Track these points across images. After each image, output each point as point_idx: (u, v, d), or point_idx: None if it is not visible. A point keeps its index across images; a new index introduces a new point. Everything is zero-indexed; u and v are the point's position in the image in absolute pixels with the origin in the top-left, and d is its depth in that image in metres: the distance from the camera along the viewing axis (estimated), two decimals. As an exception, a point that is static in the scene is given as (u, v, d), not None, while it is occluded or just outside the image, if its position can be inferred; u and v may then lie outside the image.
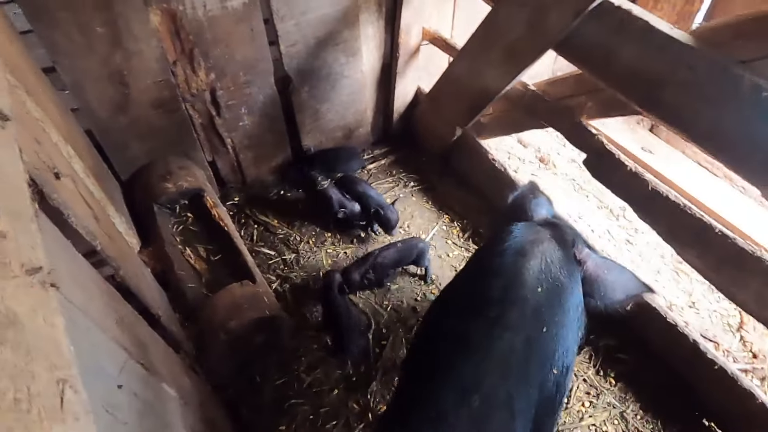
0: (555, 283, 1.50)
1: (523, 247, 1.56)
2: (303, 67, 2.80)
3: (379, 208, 2.82)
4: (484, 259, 1.67)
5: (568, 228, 1.76)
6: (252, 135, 2.94)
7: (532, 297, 1.43)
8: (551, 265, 1.52)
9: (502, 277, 1.49)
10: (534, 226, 1.70)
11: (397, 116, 3.43)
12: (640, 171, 2.13)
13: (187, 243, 2.52)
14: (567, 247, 1.65)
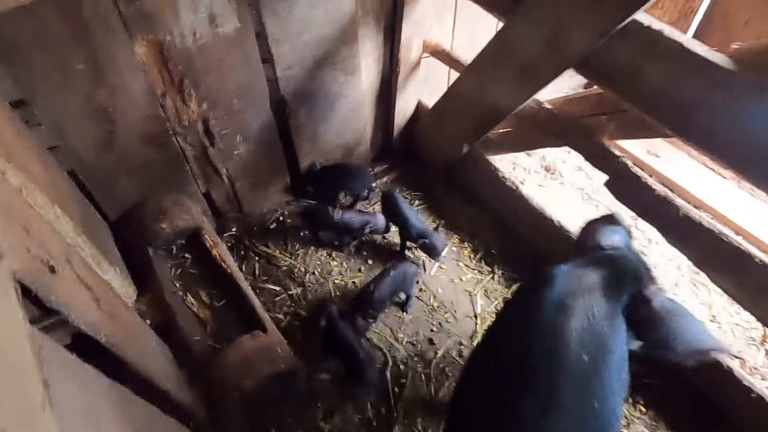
0: (600, 346, 1.38)
1: (564, 302, 1.43)
2: (300, 90, 2.62)
3: (423, 238, 2.69)
4: (524, 309, 1.54)
5: (632, 263, 1.64)
6: (248, 163, 2.76)
7: (578, 366, 1.32)
8: (595, 325, 1.40)
9: (544, 339, 1.37)
10: (580, 268, 1.57)
11: (398, 131, 3.27)
12: (669, 196, 2.02)
13: (188, 288, 2.34)
14: (616, 293, 1.53)
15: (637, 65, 1.84)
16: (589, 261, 1.61)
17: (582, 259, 1.63)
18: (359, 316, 2.39)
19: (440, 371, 2.46)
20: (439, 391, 2.38)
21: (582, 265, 1.59)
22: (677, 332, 1.52)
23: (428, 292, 2.77)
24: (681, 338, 1.52)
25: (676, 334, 1.52)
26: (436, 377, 2.44)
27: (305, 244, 2.93)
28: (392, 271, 2.52)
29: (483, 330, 2.60)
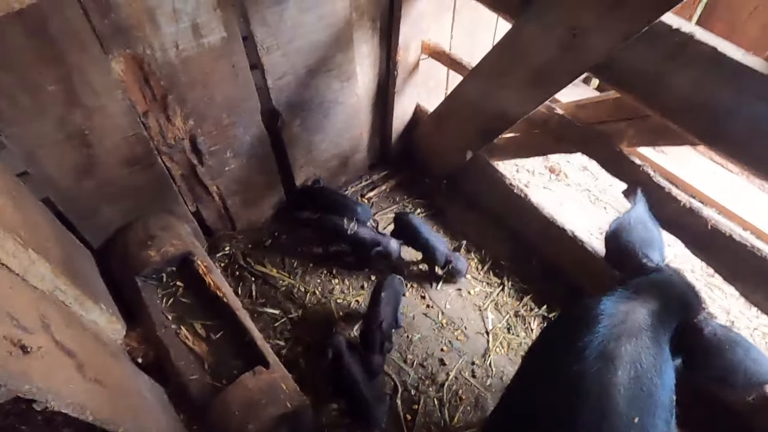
0: (649, 400, 1.24)
1: (608, 350, 1.28)
2: (293, 100, 2.45)
3: (450, 261, 2.58)
4: (561, 357, 1.37)
5: (679, 288, 1.49)
6: (240, 179, 2.58)
7: (626, 429, 1.17)
8: (643, 376, 1.25)
9: (588, 399, 1.21)
10: (624, 303, 1.41)
11: (396, 136, 3.11)
12: (696, 207, 1.90)
13: (181, 320, 2.17)
14: (664, 327, 1.39)
15: (662, 70, 1.70)
16: (633, 291, 1.46)
17: (624, 288, 1.47)
18: (375, 354, 2.22)
19: (454, 394, 2.33)
20: (454, 416, 2.25)
21: (626, 297, 1.43)
22: (735, 365, 1.38)
23: (436, 308, 2.63)
24: (739, 371, 1.38)
25: (734, 367, 1.38)
26: (450, 401, 2.31)
27: (304, 261, 2.77)
28: (383, 293, 2.35)
29: (496, 348, 2.47)
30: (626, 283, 1.53)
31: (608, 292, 1.47)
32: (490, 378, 2.39)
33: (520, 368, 1.60)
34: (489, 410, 2.27)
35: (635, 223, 1.74)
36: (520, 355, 2.46)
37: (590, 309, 1.39)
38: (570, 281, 2.64)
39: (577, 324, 1.39)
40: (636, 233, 1.71)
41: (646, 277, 1.55)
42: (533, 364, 1.51)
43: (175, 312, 2.20)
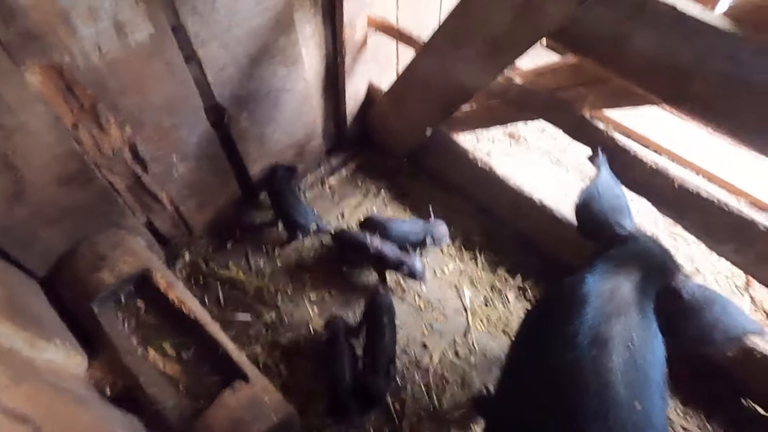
0: (645, 380, 1.22)
1: (600, 333, 1.25)
2: (238, 93, 2.27)
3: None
4: (552, 346, 1.32)
5: (657, 255, 1.49)
6: (191, 182, 2.41)
7: (631, 417, 1.14)
8: (637, 354, 1.23)
9: (587, 391, 1.16)
10: (609, 278, 1.38)
11: (351, 118, 2.98)
12: (662, 167, 1.89)
13: (148, 342, 2.04)
14: (647, 297, 1.38)
15: (621, 32, 1.65)
16: (615, 265, 1.43)
17: (605, 263, 1.44)
18: (379, 377, 2.08)
19: (440, 377, 2.31)
20: (442, 400, 2.24)
21: (609, 273, 1.40)
22: (713, 323, 1.39)
23: (411, 292, 2.58)
24: (718, 328, 1.39)
25: (712, 324, 1.39)
26: (437, 384, 2.29)
27: (270, 259, 2.65)
28: (385, 318, 2.21)
29: (476, 325, 2.46)
30: (605, 255, 1.51)
31: (590, 270, 1.45)
32: (473, 355, 2.38)
33: (508, 363, 1.57)
34: (475, 388, 2.27)
35: (603, 192, 1.72)
36: (501, 329, 2.46)
37: (575, 291, 1.36)
38: (543, 249, 2.64)
39: (563, 308, 1.36)
40: (605, 202, 1.70)
41: (625, 248, 1.54)
42: (522, 357, 1.47)
43: (139, 334, 2.05)
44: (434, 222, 2.64)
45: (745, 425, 2.19)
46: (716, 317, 1.40)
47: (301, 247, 2.71)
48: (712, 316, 1.40)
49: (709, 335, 1.42)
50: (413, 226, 2.59)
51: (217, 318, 2.39)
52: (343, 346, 2.17)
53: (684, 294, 1.43)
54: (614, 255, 1.49)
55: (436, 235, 2.55)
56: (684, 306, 1.43)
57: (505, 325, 2.48)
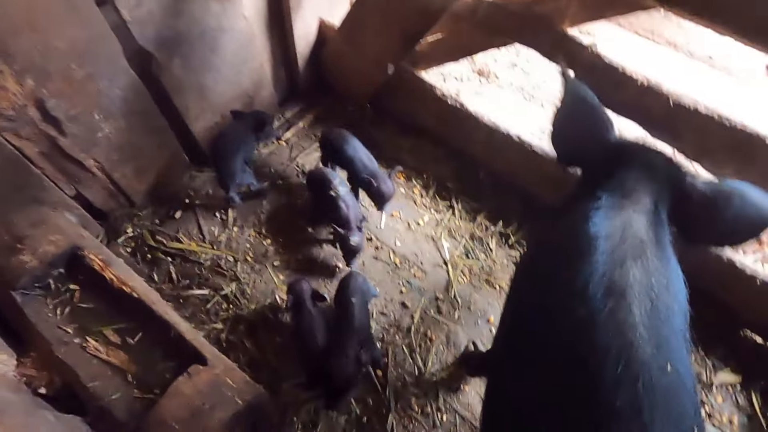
0: (670, 332, 1.02)
1: (615, 280, 1.03)
2: (164, 34, 1.94)
3: (371, 179, 2.21)
4: (558, 301, 1.09)
5: (657, 164, 1.28)
6: (121, 144, 2.09)
7: (660, 379, 0.94)
8: (659, 303, 1.02)
9: (607, 355, 0.95)
10: (618, 209, 1.17)
11: (303, 63, 2.66)
12: (655, 84, 1.67)
13: (86, 331, 1.76)
14: (659, 218, 1.19)
15: None
16: (621, 195, 1.21)
17: (609, 194, 1.21)
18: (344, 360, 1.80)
19: (422, 336, 2.12)
20: (427, 361, 2.06)
21: (616, 206, 1.17)
22: (735, 217, 1.21)
23: (386, 248, 2.36)
24: (741, 221, 1.21)
25: (734, 219, 1.21)
26: (420, 344, 2.10)
27: (225, 226, 2.38)
28: (354, 299, 1.93)
29: (458, 278, 2.26)
30: (606, 186, 1.28)
31: (593, 204, 1.21)
32: (457, 310, 2.20)
33: (505, 327, 1.36)
34: (462, 345, 2.10)
35: (576, 109, 1.47)
36: (484, 280, 2.28)
37: (580, 233, 1.13)
38: (523, 190, 2.43)
39: (567, 254, 1.13)
40: (581, 118, 1.45)
41: (622, 170, 1.30)
42: (522, 317, 1.23)
43: (75, 322, 1.78)
44: (384, 175, 2.30)
45: (745, 356, 2.09)
46: (737, 211, 1.22)
47: (260, 209, 2.44)
48: (733, 211, 1.22)
49: (735, 231, 1.25)
50: (372, 163, 2.34)
51: (171, 296, 2.14)
52: (309, 312, 1.94)
53: (696, 197, 1.24)
54: (615, 183, 1.26)
55: (381, 190, 2.25)
56: (700, 209, 1.24)
57: (489, 275, 2.29)
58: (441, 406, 1.96)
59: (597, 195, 1.22)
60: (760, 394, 2.01)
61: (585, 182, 1.41)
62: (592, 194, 1.24)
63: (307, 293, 1.99)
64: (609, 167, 1.31)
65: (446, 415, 1.95)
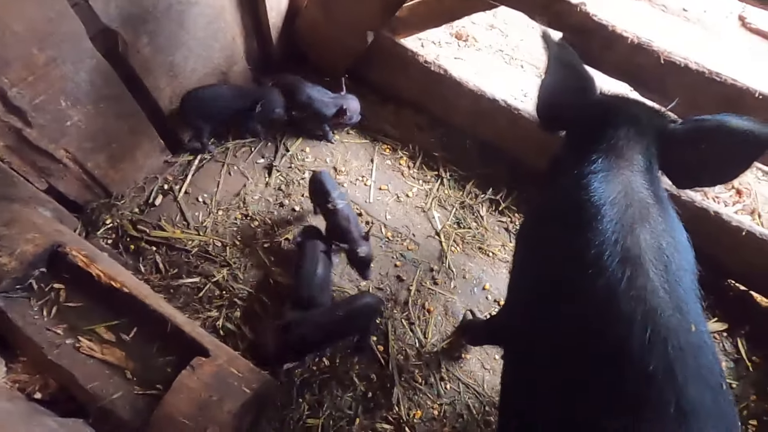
0: (684, 291, 1.02)
1: (628, 247, 1.03)
2: (129, 11, 1.80)
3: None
4: (572, 275, 1.08)
5: (642, 118, 1.28)
6: (92, 132, 1.97)
7: (686, 340, 0.95)
8: (670, 264, 1.03)
9: (632, 323, 0.95)
10: (616, 172, 1.16)
11: (276, 34, 2.54)
12: (645, 42, 1.65)
13: (77, 331, 1.69)
14: (656, 176, 1.20)
15: None
16: (616, 155, 1.20)
17: (603, 157, 1.20)
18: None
19: (420, 309, 2.13)
20: (426, 332, 2.07)
21: (613, 168, 1.17)
22: (725, 148, 1.22)
23: (377, 222, 2.33)
24: (734, 148, 1.22)
25: (726, 149, 1.23)
26: (419, 317, 2.11)
27: (209, 209, 2.29)
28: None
29: (450, 248, 2.26)
30: (596, 145, 1.25)
31: (587, 167, 1.20)
32: (453, 280, 2.20)
33: (518, 300, 1.35)
34: (460, 314, 2.11)
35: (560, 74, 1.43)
36: (477, 248, 2.28)
37: (584, 201, 1.12)
38: (511, 155, 2.42)
39: (574, 224, 1.12)
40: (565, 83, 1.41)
41: (613, 129, 1.27)
42: (536, 290, 1.21)
43: (64, 323, 1.70)
44: (345, 96, 2.43)
45: (730, 305, 2.16)
46: (724, 141, 1.22)
47: (242, 190, 2.36)
48: (720, 143, 1.23)
49: (726, 163, 1.26)
50: (322, 94, 2.40)
51: (160, 287, 2.07)
52: (314, 245, 1.98)
53: (682, 139, 1.25)
54: (606, 144, 1.24)
55: (350, 109, 2.35)
56: (687, 150, 1.26)
57: (481, 242, 2.29)
58: (444, 375, 1.99)
59: (590, 158, 1.21)
60: (745, 339, 2.10)
61: (573, 145, 1.39)
62: (584, 157, 1.23)
63: (317, 234, 2.05)
64: (597, 127, 1.30)
65: (450, 383, 1.97)
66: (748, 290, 2.17)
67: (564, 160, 1.35)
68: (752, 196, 2.46)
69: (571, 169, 1.24)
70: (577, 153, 1.28)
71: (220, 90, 2.32)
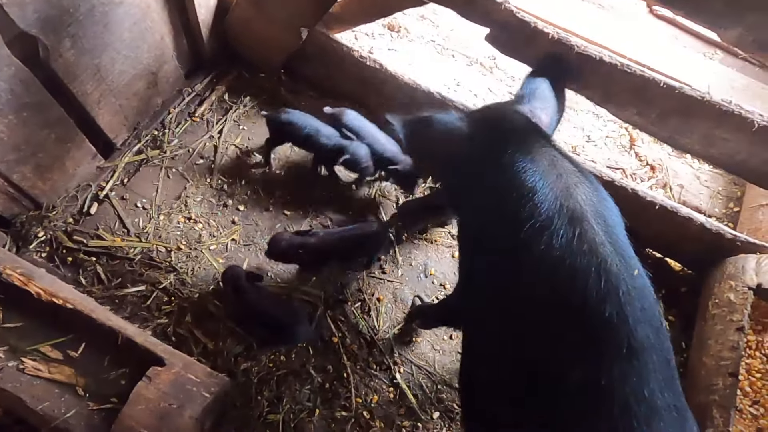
0: (619, 239, 1.18)
1: (570, 208, 1.16)
2: (48, 14, 1.71)
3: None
4: (524, 241, 1.17)
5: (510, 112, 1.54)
6: (16, 143, 1.87)
7: (632, 284, 1.09)
8: (604, 216, 1.19)
9: (590, 277, 1.07)
10: (530, 152, 1.30)
11: (207, 31, 2.48)
12: (563, 36, 1.78)
13: (20, 352, 1.63)
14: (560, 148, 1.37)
15: None
16: (513, 143, 1.35)
17: (497, 150, 1.35)
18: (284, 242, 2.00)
19: (371, 297, 2.21)
20: (378, 321, 2.15)
21: (521, 149, 1.31)
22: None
23: (323, 217, 2.37)
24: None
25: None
26: (370, 306, 2.19)
27: (148, 214, 2.24)
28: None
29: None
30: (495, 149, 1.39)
31: (509, 157, 1.33)
32: (400, 268, 2.29)
33: (474, 282, 1.44)
34: (408, 300, 2.21)
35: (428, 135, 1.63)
36: (422, 237, 2.37)
37: (520, 179, 1.25)
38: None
39: (515, 200, 1.23)
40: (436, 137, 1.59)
41: (498, 132, 1.46)
42: (490, 266, 1.31)
43: (3, 345, 1.64)
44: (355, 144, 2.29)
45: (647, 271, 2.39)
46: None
47: (183, 193, 2.32)
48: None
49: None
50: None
51: (104, 298, 2.03)
52: (250, 290, 1.96)
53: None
54: (504, 144, 1.37)
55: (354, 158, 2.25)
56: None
57: (425, 231, 2.39)
58: (397, 359, 2.08)
59: (506, 153, 1.33)
60: (661, 300, 2.34)
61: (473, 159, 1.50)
62: (498, 156, 1.35)
63: (242, 276, 1.97)
64: (485, 138, 1.47)
65: (403, 367, 2.07)
66: (663, 257, 2.41)
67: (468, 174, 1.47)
68: (664, 171, 2.70)
69: (488, 170, 1.38)
70: (484, 161, 1.42)
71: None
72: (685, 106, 1.77)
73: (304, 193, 2.39)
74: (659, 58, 2.93)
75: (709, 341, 1.95)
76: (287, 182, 2.41)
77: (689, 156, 2.75)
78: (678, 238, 2.22)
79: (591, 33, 2.94)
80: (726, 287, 2.02)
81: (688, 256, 2.32)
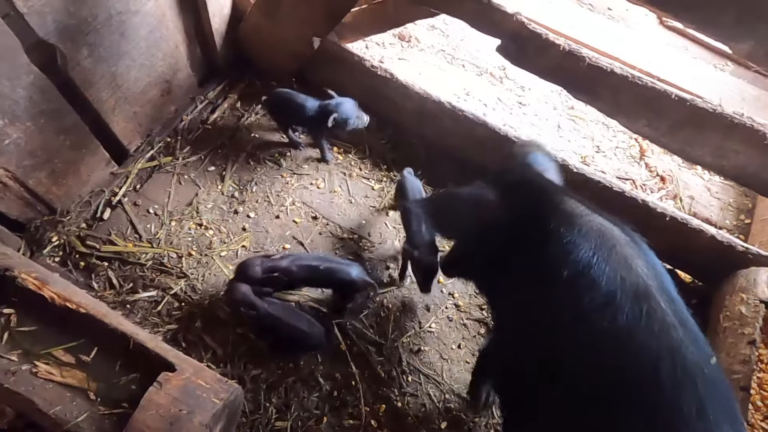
0: (681, 306, 1.09)
1: (633, 282, 1.05)
2: (67, 22, 1.75)
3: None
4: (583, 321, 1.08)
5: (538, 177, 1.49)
6: (33, 149, 1.90)
7: (708, 370, 0.97)
8: (665, 286, 1.09)
9: (661, 357, 0.96)
10: (578, 221, 1.22)
11: (220, 40, 2.51)
12: (575, 48, 1.79)
13: (33, 355, 1.65)
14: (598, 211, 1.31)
15: None
16: (556, 209, 1.28)
17: (568, 225, 1.23)
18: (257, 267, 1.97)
19: (380, 306, 2.21)
20: (387, 329, 2.16)
21: (567, 218, 1.23)
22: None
23: (332, 224, 2.38)
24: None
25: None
26: (379, 314, 2.19)
27: (160, 220, 2.27)
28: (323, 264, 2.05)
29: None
30: (540, 218, 1.32)
31: (555, 234, 1.23)
32: (408, 276, 2.29)
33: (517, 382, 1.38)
34: (417, 309, 2.21)
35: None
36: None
37: (566, 256, 1.15)
38: (457, 155, 2.52)
39: (565, 279, 1.13)
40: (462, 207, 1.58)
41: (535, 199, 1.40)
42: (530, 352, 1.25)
43: (17, 348, 1.65)
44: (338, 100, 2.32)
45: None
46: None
47: (195, 199, 2.34)
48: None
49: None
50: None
51: (116, 303, 2.05)
52: (261, 304, 1.93)
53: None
54: (548, 210, 1.31)
55: (342, 115, 2.26)
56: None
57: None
58: (405, 368, 2.08)
59: (550, 226, 1.24)
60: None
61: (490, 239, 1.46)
62: (539, 231, 1.26)
63: (250, 295, 1.94)
64: (526, 205, 1.39)
65: (411, 376, 2.07)
66: (673, 269, 2.39)
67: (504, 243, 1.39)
68: (674, 182, 2.70)
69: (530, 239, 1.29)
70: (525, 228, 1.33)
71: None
72: (697, 118, 1.77)
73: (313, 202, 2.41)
74: (670, 69, 2.93)
75: (720, 354, 1.94)
76: (297, 190, 2.43)
77: (700, 167, 2.74)
78: (688, 250, 2.21)
79: (602, 44, 2.95)
80: (737, 300, 2.01)
81: (698, 268, 2.31)
